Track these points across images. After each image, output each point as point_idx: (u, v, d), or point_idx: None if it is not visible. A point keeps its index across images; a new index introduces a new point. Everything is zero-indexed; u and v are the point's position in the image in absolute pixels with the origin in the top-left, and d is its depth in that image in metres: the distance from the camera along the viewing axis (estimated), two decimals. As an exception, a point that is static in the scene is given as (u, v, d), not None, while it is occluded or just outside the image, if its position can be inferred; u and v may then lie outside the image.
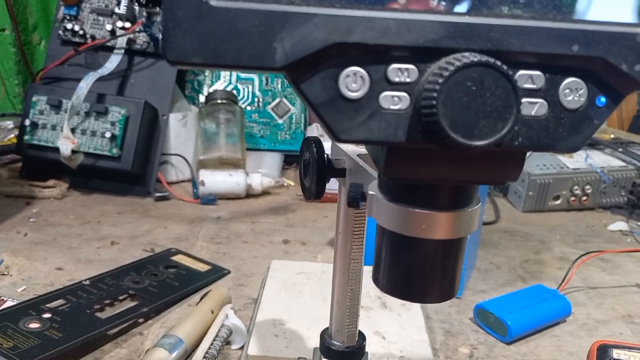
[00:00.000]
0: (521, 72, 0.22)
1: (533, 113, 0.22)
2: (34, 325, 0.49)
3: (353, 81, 0.21)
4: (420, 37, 0.21)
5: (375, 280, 0.28)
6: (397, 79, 0.21)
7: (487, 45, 0.21)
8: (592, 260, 0.74)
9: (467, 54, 0.20)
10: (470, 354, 0.53)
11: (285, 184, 1.00)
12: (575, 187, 0.93)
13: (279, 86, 1.11)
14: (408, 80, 0.21)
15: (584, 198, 0.94)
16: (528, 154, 0.92)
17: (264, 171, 0.98)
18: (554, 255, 0.77)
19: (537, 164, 0.93)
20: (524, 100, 0.22)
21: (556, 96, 0.22)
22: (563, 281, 0.63)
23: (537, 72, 0.22)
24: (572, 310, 0.59)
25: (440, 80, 0.20)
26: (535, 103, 0.22)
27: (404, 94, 0.21)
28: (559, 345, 0.55)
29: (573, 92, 0.22)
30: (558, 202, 0.94)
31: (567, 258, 0.74)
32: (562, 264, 0.73)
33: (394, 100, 0.21)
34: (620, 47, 0.21)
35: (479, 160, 0.23)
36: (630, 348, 0.33)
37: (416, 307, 0.55)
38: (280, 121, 1.12)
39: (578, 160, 0.95)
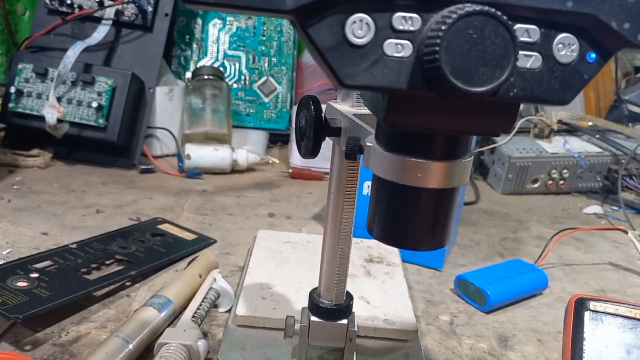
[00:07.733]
0: (518, 25, 0.23)
1: (528, 65, 0.23)
2: (22, 283, 0.49)
3: (359, 27, 0.22)
4: (424, -13, 0.22)
5: (370, 230, 0.29)
6: (401, 27, 0.22)
7: (488, -3, 0.22)
8: (568, 240, 0.76)
9: (468, 4, 0.22)
10: (450, 321, 0.54)
11: (271, 162, 1.01)
12: (553, 171, 0.96)
13: (266, 65, 1.11)
14: (412, 28, 0.22)
15: (561, 182, 0.97)
16: (507, 137, 0.94)
17: (248, 148, 0.98)
18: (531, 234, 0.79)
19: (517, 147, 0.95)
20: (520, 52, 0.23)
21: (550, 50, 0.23)
22: (540, 256, 0.65)
23: (533, 27, 0.23)
24: (549, 284, 0.62)
25: (443, 27, 0.21)
26: (531, 56, 0.23)
27: (407, 42, 0.22)
28: (535, 316, 0.57)
29: (566, 47, 0.23)
30: (536, 185, 0.96)
31: (544, 237, 0.76)
32: (538, 242, 0.75)
33: (398, 48, 0.22)
34: (611, 6, 0.23)
35: (475, 111, 0.24)
36: (605, 301, 0.34)
37: (399, 275, 0.56)
38: (266, 100, 1.12)
39: (557, 145, 0.97)
